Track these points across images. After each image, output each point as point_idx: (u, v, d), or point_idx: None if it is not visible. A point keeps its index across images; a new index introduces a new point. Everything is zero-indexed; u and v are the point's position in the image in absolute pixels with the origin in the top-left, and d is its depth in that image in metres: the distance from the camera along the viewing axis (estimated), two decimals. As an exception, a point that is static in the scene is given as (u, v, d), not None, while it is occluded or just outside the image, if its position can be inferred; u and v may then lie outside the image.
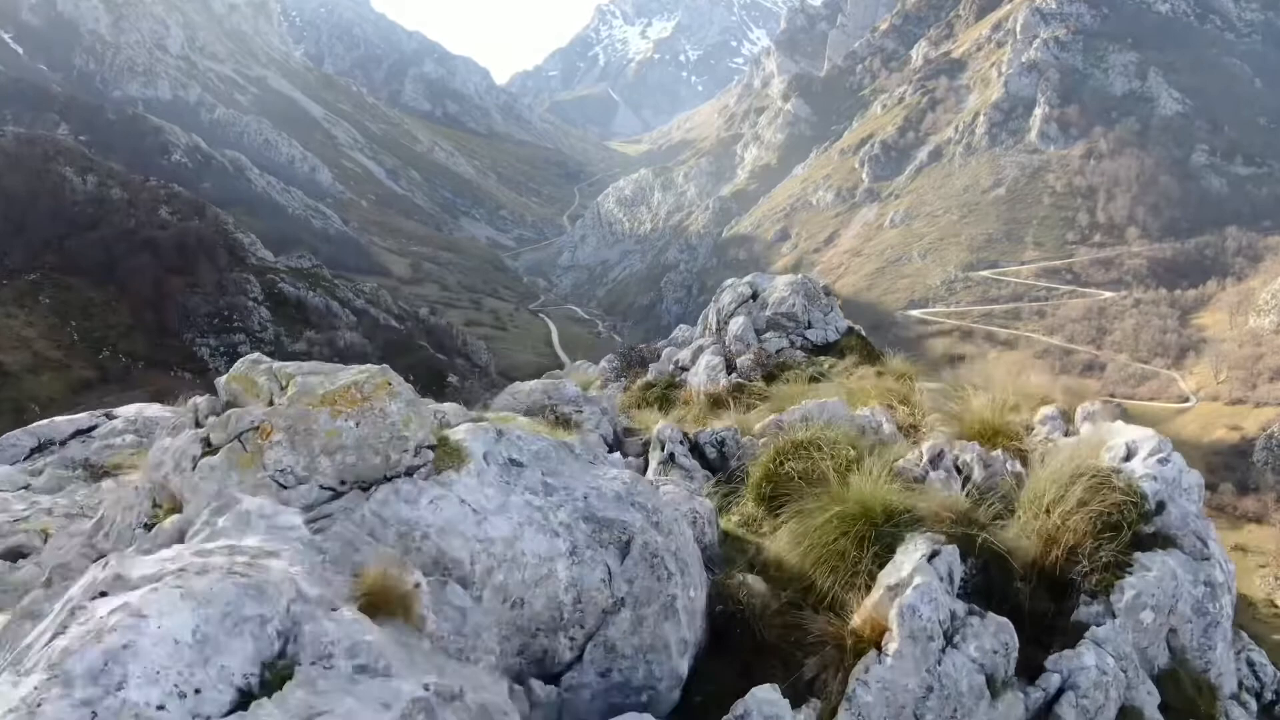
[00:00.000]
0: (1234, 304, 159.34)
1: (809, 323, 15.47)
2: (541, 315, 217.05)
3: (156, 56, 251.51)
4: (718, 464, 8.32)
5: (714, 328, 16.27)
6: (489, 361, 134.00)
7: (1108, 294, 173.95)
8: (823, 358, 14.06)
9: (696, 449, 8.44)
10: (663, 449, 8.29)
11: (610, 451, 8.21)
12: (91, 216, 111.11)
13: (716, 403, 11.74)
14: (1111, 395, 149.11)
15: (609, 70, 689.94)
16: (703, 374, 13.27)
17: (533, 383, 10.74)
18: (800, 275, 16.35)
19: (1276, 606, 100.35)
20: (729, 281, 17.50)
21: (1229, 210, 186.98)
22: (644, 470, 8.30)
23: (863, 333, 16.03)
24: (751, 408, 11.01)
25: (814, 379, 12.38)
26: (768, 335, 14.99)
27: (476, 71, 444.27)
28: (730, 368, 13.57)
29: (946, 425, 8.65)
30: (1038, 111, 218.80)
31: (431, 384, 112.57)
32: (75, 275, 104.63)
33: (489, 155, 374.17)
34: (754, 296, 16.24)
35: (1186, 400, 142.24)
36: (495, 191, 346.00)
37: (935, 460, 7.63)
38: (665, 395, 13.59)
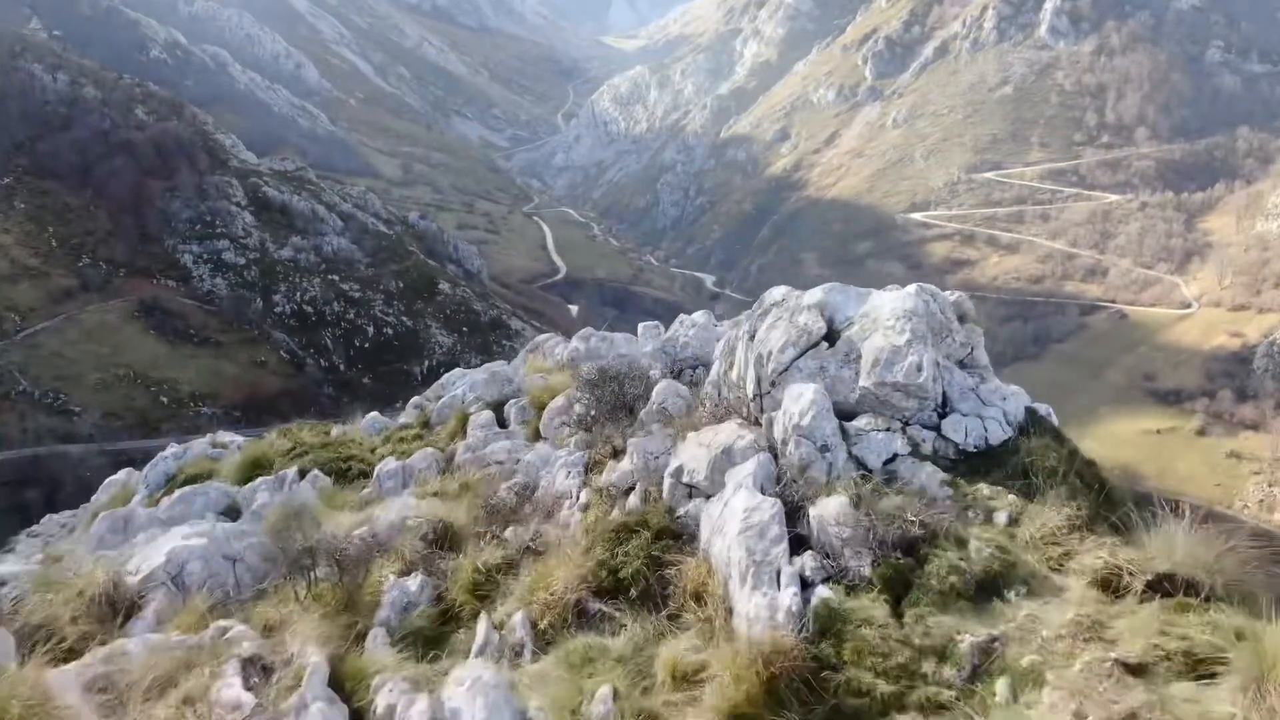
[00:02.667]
0: (1242, 207, 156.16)
1: (943, 400, 7.24)
2: (535, 218, 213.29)
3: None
4: None
5: (750, 392, 7.89)
6: (481, 267, 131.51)
7: (1113, 197, 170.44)
8: (984, 489, 6.40)
9: None
10: None
11: None
12: (64, 117, 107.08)
13: (773, 684, 5.13)
14: (1113, 301, 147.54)
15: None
16: (736, 540, 5.96)
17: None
18: (915, 290, 7.85)
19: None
20: (777, 294, 8.45)
21: (1241, 110, 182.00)
22: None
23: (1053, 421, 7.80)
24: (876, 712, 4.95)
25: (991, 584, 5.58)
26: (863, 423, 7.05)
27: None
28: (798, 537, 6.09)
29: None
30: (1048, 4, 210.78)
31: (423, 290, 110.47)
32: (50, 179, 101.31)
33: (480, 51, 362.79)
34: (829, 338, 7.65)
35: (1189, 306, 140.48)
36: (487, 89, 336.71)
37: None
38: (657, 561, 6.54)
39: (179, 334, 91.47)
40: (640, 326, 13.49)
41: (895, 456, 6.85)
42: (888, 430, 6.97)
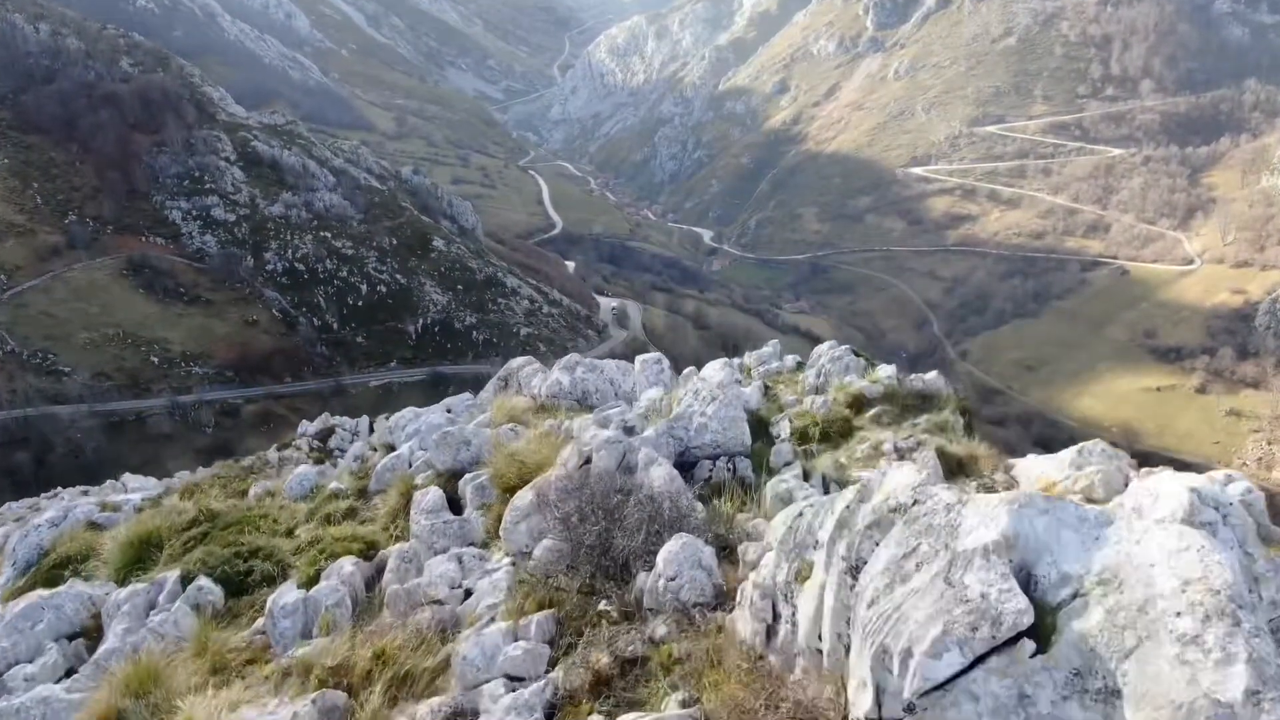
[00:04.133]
0: (1247, 162, 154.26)
1: None
2: (531, 172, 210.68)
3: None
4: None
5: (861, 708, 3.32)
6: (476, 223, 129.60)
7: (1116, 151, 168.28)
8: None
9: None
10: None
11: None
12: (47, 69, 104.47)
13: None
14: (1115, 257, 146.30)
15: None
16: None
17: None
18: (1189, 500, 3.30)
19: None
20: (900, 490, 3.76)
21: (1249, 61, 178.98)
22: None
23: None
24: None
25: None
26: None
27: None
28: None
29: None
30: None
31: (417, 247, 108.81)
32: (34, 133, 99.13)
33: (474, 0, 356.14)
34: (1035, 631, 2.95)
35: (1191, 263, 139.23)
36: (482, 40, 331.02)
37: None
38: None
39: (169, 292, 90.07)
40: (638, 360, 10.51)
41: None
42: None
